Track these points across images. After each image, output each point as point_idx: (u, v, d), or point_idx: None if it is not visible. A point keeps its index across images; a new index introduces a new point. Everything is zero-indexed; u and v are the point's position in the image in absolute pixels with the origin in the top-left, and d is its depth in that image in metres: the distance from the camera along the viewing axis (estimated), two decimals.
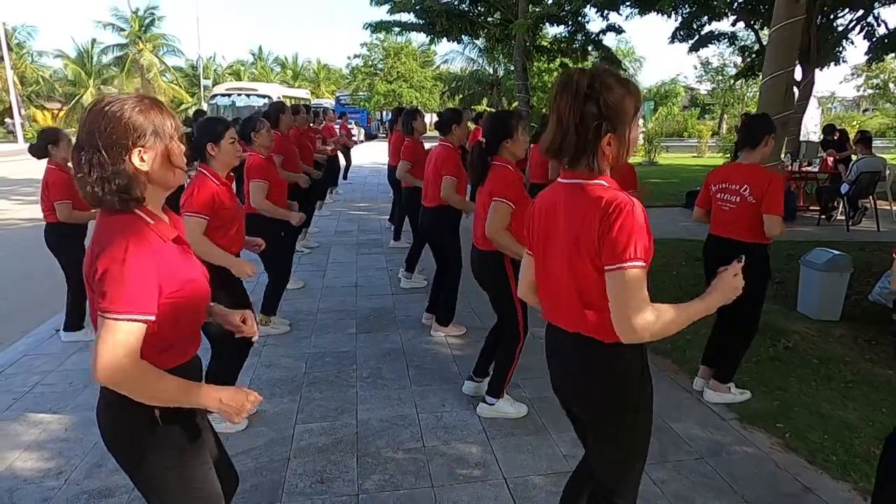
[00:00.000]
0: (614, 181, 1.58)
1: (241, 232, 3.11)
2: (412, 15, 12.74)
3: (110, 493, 2.64)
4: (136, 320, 1.35)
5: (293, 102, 12.32)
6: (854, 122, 26.32)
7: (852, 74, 32.93)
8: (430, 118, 19.21)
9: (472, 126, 9.27)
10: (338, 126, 13.39)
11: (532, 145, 5.61)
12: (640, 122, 1.57)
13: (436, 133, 4.58)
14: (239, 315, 1.79)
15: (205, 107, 26.38)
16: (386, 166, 7.91)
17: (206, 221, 2.88)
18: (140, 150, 1.41)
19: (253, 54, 51.16)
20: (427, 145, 5.54)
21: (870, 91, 34.39)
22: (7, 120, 32.13)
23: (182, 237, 1.55)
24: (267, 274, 4.41)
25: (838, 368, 3.91)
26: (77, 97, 36.02)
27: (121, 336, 1.33)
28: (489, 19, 12.95)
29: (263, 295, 4.45)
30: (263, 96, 20.51)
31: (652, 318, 1.47)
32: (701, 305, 1.57)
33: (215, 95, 22.33)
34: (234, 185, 3.12)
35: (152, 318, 1.38)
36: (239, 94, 21.85)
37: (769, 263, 3.38)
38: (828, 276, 4.79)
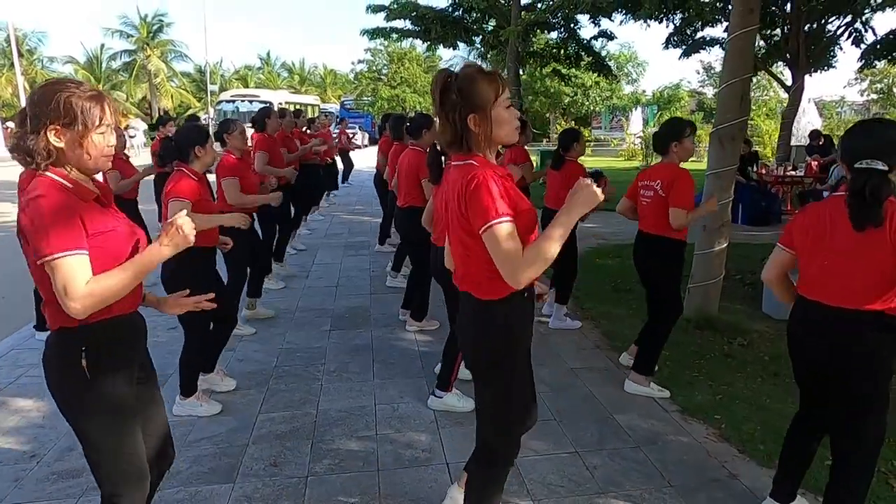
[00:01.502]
0: (487, 161, 1.81)
1: (214, 227, 3.40)
2: (408, 22, 12.98)
3: (78, 473, 2.83)
4: (74, 255, 1.57)
5: (302, 108, 12.64)
6: None
7: (856, 79, 32.86)
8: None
9: None
10: (337, 131, 13.62)
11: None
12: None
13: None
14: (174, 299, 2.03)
15: (211, 112, 27.71)
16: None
17: (189, 204, 3.15)
18: (56, 130, 1.61)
19: (261, 59, 51.77)
20: None
21: (874, 96, 34.25)
22: None
23: (105, 197, 1.75)
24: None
25: (787, 365, 4.02)
26: None
27: (64, 275, 1.55)
28: (483, 26, 13.16)
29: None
30: (265, 102, 21.45)
31: (524, 267, 1.68)
32: (562, 219, 1.70)
33: (221, 102, 24.28)
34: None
35: (80, 252, 1.58)
36: (242, 101, 23.72)
37: (681, 257, 3.64)
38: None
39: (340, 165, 13.01)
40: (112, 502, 1.83)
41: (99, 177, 1.85)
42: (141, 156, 18.51)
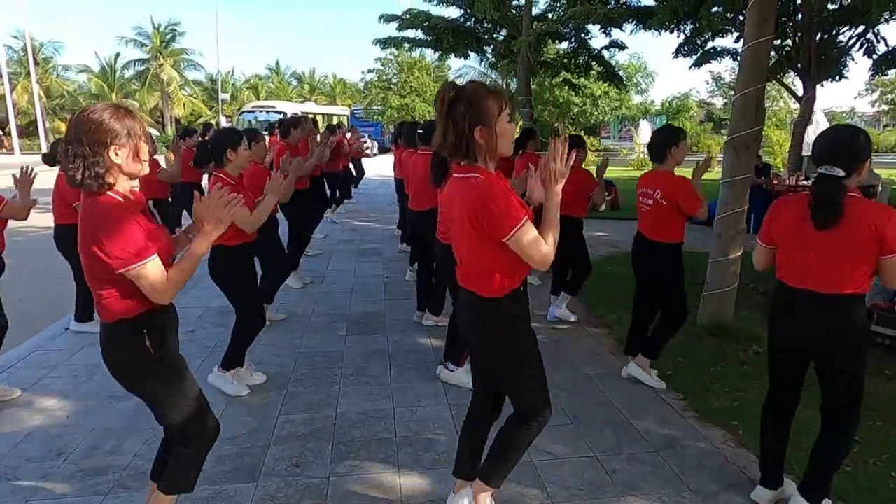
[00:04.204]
0: (490, 173, 2.01)
1: None
2: (420, 32, 13.07)
3: (103, 471, 2.88)
4: (151, 261, 1.90)
5: (314, 117, 12.90)
6: None
7: (867, 90, 32.80)
8: None
9: None
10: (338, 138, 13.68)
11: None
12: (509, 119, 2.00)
13: None
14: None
15: (223, 120, 29.61)
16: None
17: None
18: (115, 148, 1.87)
19: (270, 69, 52.17)
20: None
21: (885, 107, 34.16)
22: None
23: (147, 208, 2.06)
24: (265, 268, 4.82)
25: None
26: None
27: (148, 277, 1.89)
28: (495, 36, 13.24)
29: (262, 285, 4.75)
30: (280, 112, 23.95)
31: (549, 248, 1.99)
32: (553, 210, 2.03)
33: (243, 112, 28.30)
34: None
35: (155, 256, 1.91)
36: (261, 111, 27.02)
37: (681, 258, 3.80)
38: None
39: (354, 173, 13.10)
40: (192, 439, 2.18)
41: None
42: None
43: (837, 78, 11.88)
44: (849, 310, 2.28)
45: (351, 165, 12.18)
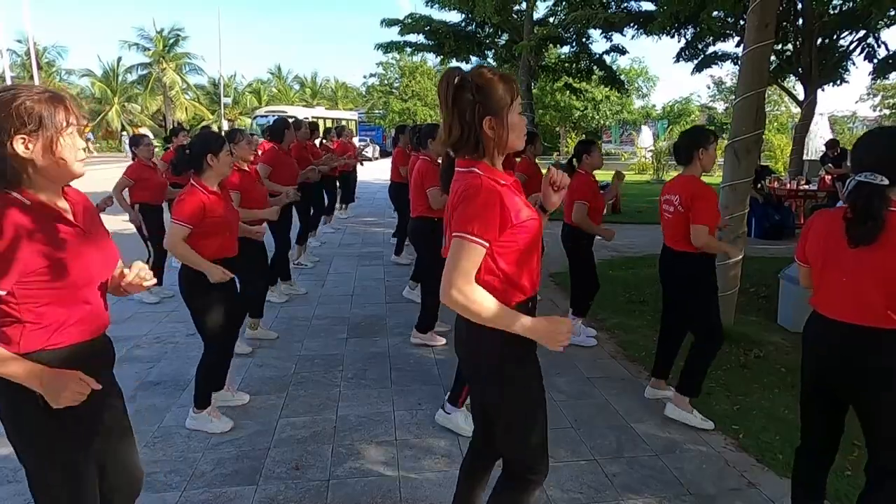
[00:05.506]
0: (493, 170, 1.72)
1: (232, 238, 3.35)
2: (421, 36, 13.15)
3: None
4: None
5: (316, 121, 12.90)
6: None
7: (868, 94, 32.83)
8: None
9: None
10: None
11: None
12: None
13: None
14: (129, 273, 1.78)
15: (225, 124, 29.97)
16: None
17: (187, 230, 3.06)
18: (24, 139, 1.48)
19: (272, 73, 52.29)
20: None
21: (886, 111, 34.20)
22: None
23: (81, 214, 1.66)
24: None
25: None
26: (102, 114, 37.25)
27: None
28: (496, 40, 13.31)
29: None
30: (291, 117, 24.12)
31: (465, 290, 1.63)
32: (519, 324, 1.67)
33: (257, 116, 29.72)
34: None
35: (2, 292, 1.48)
36: (274, 115, 26.77)
37: (711, 274, 3.46)
38: (804, 289, 4.92)
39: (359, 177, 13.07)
40: None
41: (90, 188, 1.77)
42: None
43: (838, 82, 11.95)
44: (888, 345, 1.97)
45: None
